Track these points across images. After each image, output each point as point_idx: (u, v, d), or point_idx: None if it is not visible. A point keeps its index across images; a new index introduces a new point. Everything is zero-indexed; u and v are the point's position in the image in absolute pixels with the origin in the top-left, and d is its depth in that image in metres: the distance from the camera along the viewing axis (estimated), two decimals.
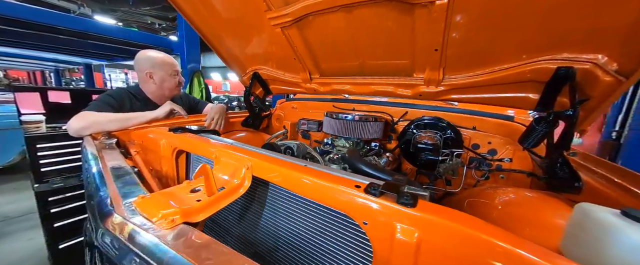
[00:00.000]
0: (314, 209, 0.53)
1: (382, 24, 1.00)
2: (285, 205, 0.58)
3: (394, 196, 0.40)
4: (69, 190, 1.56)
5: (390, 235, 0.38)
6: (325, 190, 0.46)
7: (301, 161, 0.57)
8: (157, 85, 1.35)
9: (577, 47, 0.74)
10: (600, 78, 0.71)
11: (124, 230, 0.38)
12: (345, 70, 1.41)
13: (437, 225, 0.36)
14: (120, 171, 0.62)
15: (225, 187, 0.52)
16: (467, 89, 1.04)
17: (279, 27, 1.19)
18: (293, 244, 0.57)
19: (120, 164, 0.69)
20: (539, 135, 0.82)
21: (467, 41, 0.88)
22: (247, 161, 0.58)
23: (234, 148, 0.67)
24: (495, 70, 0.92)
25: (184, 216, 0.41)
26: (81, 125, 0.99)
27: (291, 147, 1.06)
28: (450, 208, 0.38)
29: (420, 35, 0.93)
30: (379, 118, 1.18)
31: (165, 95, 1.41)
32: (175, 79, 1.39)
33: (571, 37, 0.73)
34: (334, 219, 0.50)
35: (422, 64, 1.07)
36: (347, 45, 1.20)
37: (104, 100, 1.18)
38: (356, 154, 0.75)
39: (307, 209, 0.54)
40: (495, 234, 0.36)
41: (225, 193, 0.50)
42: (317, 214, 0.52)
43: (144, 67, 1.32)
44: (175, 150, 0.83)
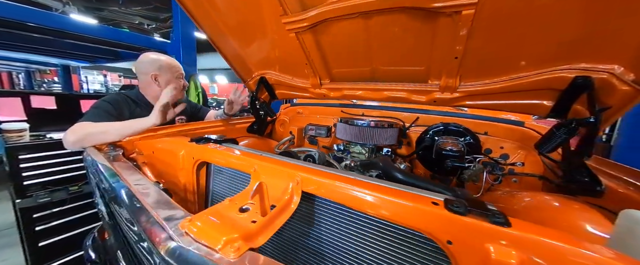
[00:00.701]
0: (377, 226, 0.49)
1: (401, 31, 1.01)
2: (339, 222, 0.54)
3: (483, 214, 0.39)
4: (56, 205, 1.42)
5: (484, 256, 0.37)
6: (398, 209, 0.43)
7: (348, 173, 0.54)
8: (162, 89, 1.27)
9: (594, 57, 0.78)
10: (617, 87, 0.75)
11: (189, 261, 0.33)
12: (357, 76, 1.40)
13: (534, 243, 0.35)
14: (146, 188, 0.56)
15: (275, 204, 0.48)
16: (483, 96, 1.07)
17: (294, 31, 1.16)
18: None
19: (141, 180, 0.63)
20: (558, 142, 0.85)
21: (487, 50, 0.90)
22: (294, 175, 0.54)
23: (277, 162, 0.62)
24: (512, 78, 0.95)
25: (246, 241, 0.37)
26: (75, 137, 0.91)
27: (312, 155, 1.03)
28: (542, 226, 0.38)
29: (440, 43, 0.95)
30: (394, 124, 1.18)
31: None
32: (180, 83, 1.32)
33: (588, 48, 0.77)
34: (406, 238, 0.46)
35: (438, 71, 1.09)
36: (361, 51, 1.19)
37: (102, 108, 1.09)
38: (389, 162, 0.73)
39: (368, 227, 0.50)
40: (596, 250, 0.35)
41: (277, 211, 0.46)
42: (383, 232, 0.49)
43: (148, 70, 1.24)
44: (197, 162, 0.77)
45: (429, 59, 1.05)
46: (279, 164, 0.60)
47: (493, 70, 0.97)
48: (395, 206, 0.44)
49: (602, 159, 0.93)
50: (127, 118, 1.17)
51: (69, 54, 3.32)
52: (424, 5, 0.82)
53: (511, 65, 0.92)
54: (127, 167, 0.72)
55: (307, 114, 1.82)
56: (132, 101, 1.24)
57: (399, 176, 0.62)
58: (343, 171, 0.55)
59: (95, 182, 0.77)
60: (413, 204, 0.43)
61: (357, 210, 0.49)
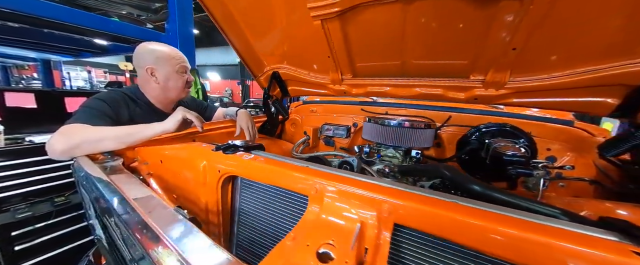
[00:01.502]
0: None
1: (448, 18, 0.88)
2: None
3: None
4: (39, 220, 1.23)
5: None
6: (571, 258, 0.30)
7: (452, 197, 0.40)
8: (161, 85, 1.08)
9: None
10: None
11: None
12: (383, 71, 1.27)
13: None
14: (166, 217, 0.42)
15: (367, 246, 0.34)
16: (535, 93, 0.96)
17: (320, 18, 1.01)
18: None
19: (155, 202, 0.47)
20: (633, 144, 0.75)
21: (554, 39, 0.79)
22: (381, 203, 0.40)
23: (345, 179, 0.47)
24: (576, 73, 0.84)
25: None
26: (67, 145, 0.72)
27: (349, 162, 0.89)
28: None
29: (498, 32, 0.82)
30: (431, 124, 1.06)
31: (171, 98, 1.15)
32: (182, 78, 1.12)
33: None
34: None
35: (485, 65, 0.97)
36: (394, 42, 1.06)
37: (96, 107, 0.90)
38: (457, 170, 0.60)
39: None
40: None
41: (372, 258, 0.32)
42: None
43: (144, 62, 1.05)
44: (224, 176, 0.62)
45: (477, 50, 0.93)
46: (350, 183, 0.45)
47: (554, 64, 0.86)
48: (561, 253, 0.31)
49: None
50: (126, 121, 0.99)
51: (50, 47, 3.02)
52: None
53: (578, 57, 0.81)
54: (132, 184, 0.57)
55: (322, 112, 1.67)
56: (131, 100, 1.06)
57: (495, 195, 0.49)
58: (430, 192, 0.41)
59: (90, 201, 0.61)
60: (594, 250, 0.30)
61: (481, 251, 0.34)
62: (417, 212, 0.36)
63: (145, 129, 0.81)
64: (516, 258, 0.33)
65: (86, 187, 0.66)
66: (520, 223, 0.36)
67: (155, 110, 1.14)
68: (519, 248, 0.32)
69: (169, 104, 1.19)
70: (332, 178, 0.47)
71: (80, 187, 0.73)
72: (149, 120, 1.10)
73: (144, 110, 1.09)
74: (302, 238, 0.36)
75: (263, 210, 0.60)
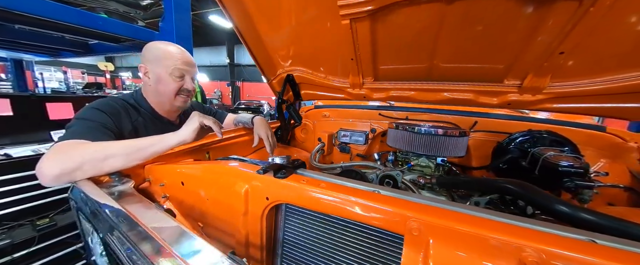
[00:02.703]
0: None
1: (492, 20, 0.82)
2: None
3: None
4: (20, 247, 1.05)
5: None
6: None
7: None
8: (152, 87, 0.92)
9: None
10: None
11: None
12: (407, 74, 1.21)
13: None
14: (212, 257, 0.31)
15: None
16: (574, 98, 0.93)
17: (349, 17, 0.93)
18: None
19: (193, 240, 0.37)
20: None
21: (604, 44, 0.75)
22: (526, 250, 0.30)
23: (451, 214, 0.37)
24: (619, 78, 0.81)
25: None
26: (64, 168, 0.58)
27: (392, 177, 0.81)
28: None
29: (546, 35, 0.78)
30: (465, 131, 1.01)
31: (163, 104, 0.97)
32: (174, 83, 0.91)
33: None
34: None
35: (524, 69, 0.92)
36: (424, 44, 1.00)
37: (94, 119, 0.75)
38: (530, 187, 0.54)
39: None
40: None
41: None
42: None
43: (142, 60, 0.92)
44: (272, 205, 0.52)
45: (517, 54, 0.88)
46: (461, 220, 0.35)
47: (597, 69, 0.83)
48: None
49: None
50: (129, 133, 0.86)
51: (24, 45, 2.72)
52: None
53: (624, 62, 0.78)
54: (154, 216, 0.45)
55: (336, 117, 1.58)
56: (133, 108, 0.92)
57: (586, 216, 0.43)
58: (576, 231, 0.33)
59: (98, 236, 0.49)
60: None
61: None
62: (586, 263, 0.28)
63: (158, 142, 0.69)
64: None
65: (92, 219, 0.53)
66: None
67: (160, 119, 1.01)
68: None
69: (173, 111, 1.05)
70: (430, 212, 0.37)
71: (81, 218, 0.60)
72: (153, 132, 0.96)
73: (148, 120, 0.96)
74: None
75: (309, 238, 0.50)
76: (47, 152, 0.62)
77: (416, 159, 1.05)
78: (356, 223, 0.45)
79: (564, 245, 0.31)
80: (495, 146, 1.07)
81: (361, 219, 0.42)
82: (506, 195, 0.64)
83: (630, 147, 0.98)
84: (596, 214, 0.45)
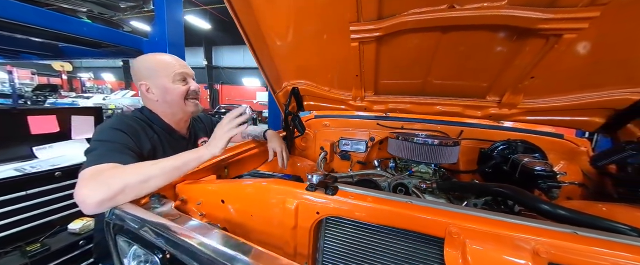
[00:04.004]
0: None
1: (477, 47, 0.98)
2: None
3: None
4: None
5: None
6: None
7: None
8: (160, 101, 0.91)
9: None
10: None
11: None
12: (404, 89, 1.34)
13: None
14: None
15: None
16: (541, 112, 1.12)
17: (359, 41, 1.03)
18: None
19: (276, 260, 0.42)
20: (622, 157, 0.93)
21: (564, 71, 0.94)
22: (536, 244, 0.41)
23: (490, 222, 0.46)
24: (576, 97, 1.01)
25: None
26: (107, 193, 0.58)
27: (404, 185, 0.91)
28: None
29: (520, 61, 0.95)
30: (457, 141, 1.16)
31: (177, 114, 0.97)
32: (181, 87, 0.91)
33: None
34: None
35: (502, 88, 1.10)
36: (421, 63, 1.13)
37: (117, 140, 0.74)
38: (518, 190, 0.67)
39: None
40: None
41: None
42: None
43: (138, 78, 0.89)
44: (321, 218, 0.59)
45: (497, 75, 1.05)
46: (489, 222, 0.46)
47: (560, 90, 1.03)
48: None
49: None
50: (149, 151, 0.85)
51: None
52: (527, 26, 0.80)
53: (581, 85, 0.98)
54: (216, 234, 0.49)
55: (336, 126, 1.67)
56: (148, 125, 0.90)
57: (562, 212, 0.57)
58: (575, 228, 0.44)
59: (157, 256, 0.51)
60: None
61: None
62: (577, 251, 0.40)
63: (193, 159, 0.70)
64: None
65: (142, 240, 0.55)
66: (621, 246, 0.43)
67: (172, 134, 1.00)
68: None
69: (182, 122, 1.04)
70: (460, 218, 0.47)
71: (120, 240, 0.60)
72: (169, 148, 0.96)
73: (162, 136, 0.95)
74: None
75: (359, 247, 0.57)
76: (82, 180, 0.61)
77: (416, 166, 1.18)
78: (397, 229, 0.54)
79: (557, 237, 0.43)
80: (480, 153, 1.24)
81: (405, 226, 0.51)
82: (499, 198, 0.78)
83: (581, 151, 1.21)
84: (570, 211, 0.60)
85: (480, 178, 1.23)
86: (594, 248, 0.40)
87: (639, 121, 0.96)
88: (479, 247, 0.43)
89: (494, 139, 1.27)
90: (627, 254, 0.41)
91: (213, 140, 0.76)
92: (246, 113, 0.77)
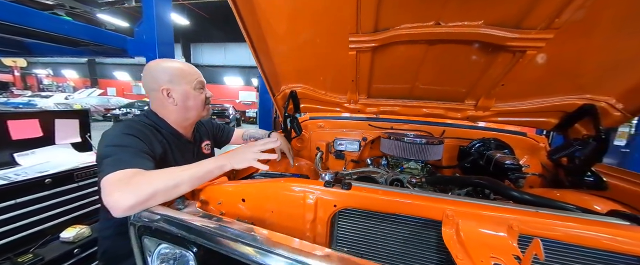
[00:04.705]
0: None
1: (458, 58, 1.12)
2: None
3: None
4: None
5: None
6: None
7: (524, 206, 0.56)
8: (180, 106, 0.95)
9: (597, 91, 1.07)
10: (611, 113, 1.06)
11: None
12: (394, 93, 1.47)
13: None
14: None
15: (519, 256, 0.47)
16: (510, 114, 1.30)
17: (356, 50, 1.13)
18: None
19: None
20: (571, 151, 1.13)
21: (527, 80, 1.12)
22: (508, 220, 0.53)
23: (476, 206, 0.58)
24: (537, 102, 1.20)
25: None
26: (138, 198, 0.61)
27: (400, 180, 1.02)
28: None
29: (493, 72, 1.11)
30: (442, 140, 1.31)
31: (191, 119, 1.03)
32: (201, 95, 1.00)
33: (594, 84, 1.06)
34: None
35: (478, 93, 1.26)
36: (410, 71, 1.26)
37: (134, 146, 0.75)
38: (494, 181, 0.82)
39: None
40: None
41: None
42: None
43: (158, 83, 0.92)
44: (338, 210, 0.66)
45: (474, 82, 1.21)
46: (475, 206, 0.58)
47: (524, 96, 1.21)
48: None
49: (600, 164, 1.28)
50: (160, 155, 0.87)
51: None
52: (496, 42, 0.95)
53: (540, 92, 1.17)
54: (247, 227, 0.55)
55: (330, 127, 1.76)
56: (156, 130, 0.92)
57: (527, 197, 0.71)
58: (529, 207, 0.58)
59: (191, 251, 0.56)
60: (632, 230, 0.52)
61: (579, 244, 0.55)
62: (539, 224, 0.54)
63: (215, 169, 0.76)
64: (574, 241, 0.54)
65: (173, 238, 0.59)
66: (570, 219, 0.57)
67: (180, 138, 1.02)
68: (573, 236, 0.54)
69: (190, 126, 1.08)
70: (453, 204, 0.59)
71: (146, 240, 0.64)
72: (177, 152, 0.99)
73: (170, 141, 0.97)
74: (467, 258, 0.47)
75: (369, 233, 0.67)
76: (110, 185, 0.63)
77: (406, 163, 1.31)
78: (401, 217, 0.64)
79: (525, 215, 0.57)
80: (459, 150, 1.40)
81: (408, 212, 0.61)
82: (478, 188, 0.92)
83: (540, 147, 1.42)
84: (533, 196, 0.74)
85: (461, 172, 1.40)
86: (551, 221, 0.54)
87: (584, 121, 1.17)
88: (470, 225, 0.55)
89: (471, 138, 1.44)
90: (574, 223, 0.55)
91: (238, 155, 0.81)
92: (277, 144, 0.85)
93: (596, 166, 1.13)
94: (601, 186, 1.05)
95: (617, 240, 0.52)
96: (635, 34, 0.85)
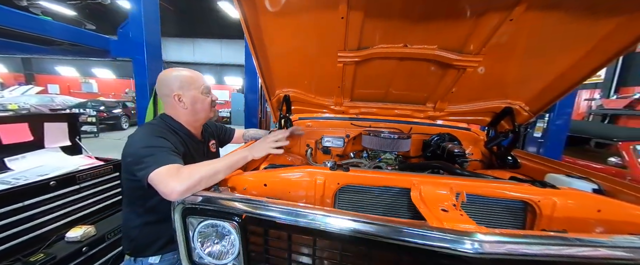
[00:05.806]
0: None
1: (422, 70, 1.45)
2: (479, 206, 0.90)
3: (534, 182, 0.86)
4: None
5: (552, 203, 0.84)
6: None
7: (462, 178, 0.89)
8: (189, 109, 1.09)
9: (513, 97, 1.49)
10: (521, 113, 1.49)
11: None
12: (371, 97, 1.76)
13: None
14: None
15: (454, 203, 0.76)
16: (458, 114, 1.69)
17: (343, 63, 1.38)
18: None
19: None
20: (499, 141, 1.55)
21: (469, 88, 1.49)
22: (450, 184, 0.83)
23: (432, 178, 0.89)
24: (476, 105, 1.60)
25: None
26: (188, 185, 0.76)
27: (380, 167, 1.30)
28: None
29: (445, 81, 1.46)
30: (410, 135, 1.63)
31: (200, 121, 1.17)
32: (208, 98, 1.14)
33: (511, 92, 1.48)
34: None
35: (436, 97, 1.62)
36: (385, 79, 1.56)
37: (166, 146, 0.89)
38: (445, 164, 1.15)
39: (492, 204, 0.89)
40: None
41: (457, 207, 0.75)
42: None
43: (171, 89, 1.05)
44: (340, 186, 0.89)
45: (433, 89, 1.55)
46: (434, 178, 0.87)
47: (468, 100, 1.59)
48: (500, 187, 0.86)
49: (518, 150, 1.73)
50: (183, 153, 1.01)
51: None
52: (446, 61, 1.28)
53: (478, 97, 1.56)
54: (280, 203, 0.76)
55: (317, 126, 2.00)
56: (174, 132, 1.05)
57: (466, 173, 1.04)
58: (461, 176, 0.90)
59: (237, 222, 0.74)
60: (518, 186, 0.86)
61: (489, 196, 0.89)
62: (466, 186, 0.84)
63: (241, 159, 0.96)
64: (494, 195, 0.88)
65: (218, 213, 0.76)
66: (493, 184, 0.91)
67: (193, 138, 1.16)
68: (486, 191, 0.87)
69: (199, 127, 1.21)
70: (417, 177, 0.89)
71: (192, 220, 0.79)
72: (193, 151, 1.12)
73: (186, 141, 1.10)
74: (426, 208, 0.75)
75: (362, 200, 0.94)
76: (164, 177, 0.77)
77: (383, 154, 1.61)
78: (384, 188, 0.91)
79: (463, 181, 0.88)
80: (423, 143, 1.76)
81: (390, 184, 0.88)
82: (435, 170, 1.25)
83: (480, 139, 1.85)
84: (467, 171, 1.08)
85: (424, 160, 1.75)
86: (473, 183, 0.86)
87: (507, 119, 1.59)
88: (428, 189, 0.84)
89: (431, 133, 1.81)
90: (486, 184, 0.89)
91: (257, 146, 1.03)
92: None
93: (514, 152, 1.56)
94: (516, 165, 1.47)
95: (509, 191, 0.87)
96: (536, 58, 1.25)
